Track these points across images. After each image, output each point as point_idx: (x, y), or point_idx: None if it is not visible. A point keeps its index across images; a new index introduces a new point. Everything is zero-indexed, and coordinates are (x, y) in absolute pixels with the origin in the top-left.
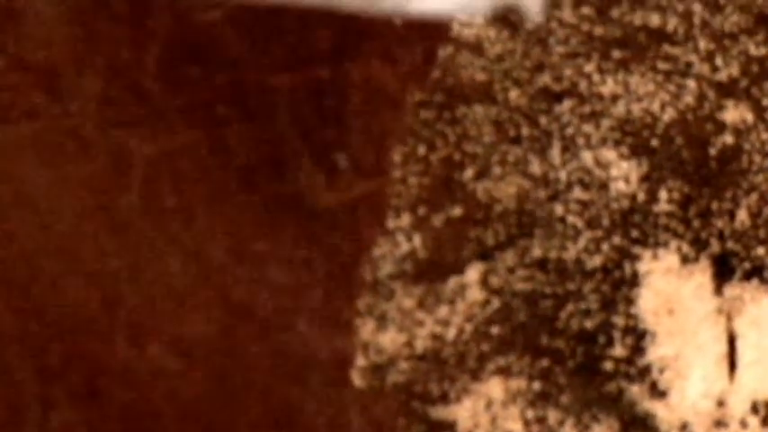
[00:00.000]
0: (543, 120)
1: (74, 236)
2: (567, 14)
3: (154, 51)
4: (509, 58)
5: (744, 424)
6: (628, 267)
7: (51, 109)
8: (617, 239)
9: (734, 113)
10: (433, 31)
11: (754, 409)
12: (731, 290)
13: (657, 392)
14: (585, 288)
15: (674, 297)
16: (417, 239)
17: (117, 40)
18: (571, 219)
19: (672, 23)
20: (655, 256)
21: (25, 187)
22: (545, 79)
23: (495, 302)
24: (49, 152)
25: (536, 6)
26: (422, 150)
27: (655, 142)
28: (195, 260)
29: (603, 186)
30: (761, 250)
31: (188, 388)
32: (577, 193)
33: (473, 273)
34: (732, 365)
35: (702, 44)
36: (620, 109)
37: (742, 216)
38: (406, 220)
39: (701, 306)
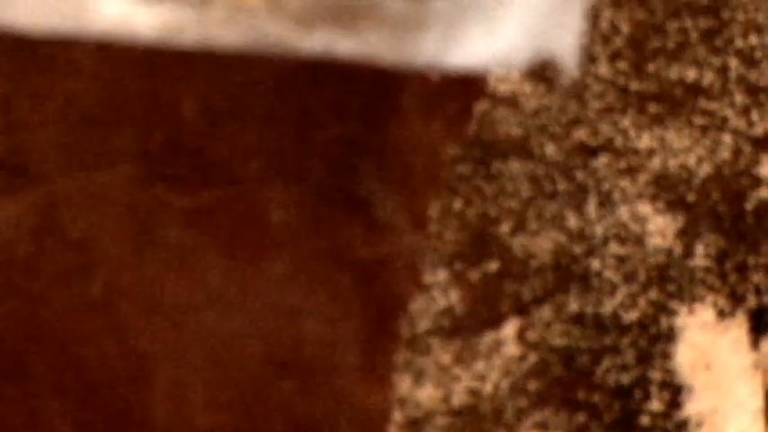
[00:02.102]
0: (579, 175)
1: (111, 291)
2: (602, 69)
3: (191, 107)
4: (545, 113)
5: None
6: (664, 322)
7: (89, 163)
8: (653, 294)
9: None
10: (470, 86)
11: None
12: None
13: None
14: (622, 343)
15: (710, 351)
16: (454, 295)
17: (155, 94)
18: (607, 273)
19: (708, 78)
20: (691, 311)
21: (62, 242)
22: (581, 134)
23: (532, 357)
24: (86, 206)
25: (572, 61)
26: (458, 205)
27: (691, 197)
28: (233, 315)
29: (640, 241)
30: None
31: None
32: (614, 247)
33: (510, 328)
34: None
35: (738, 99)
36: (656, 164)
37: None
38: (442, 275)
39: (738, 360)
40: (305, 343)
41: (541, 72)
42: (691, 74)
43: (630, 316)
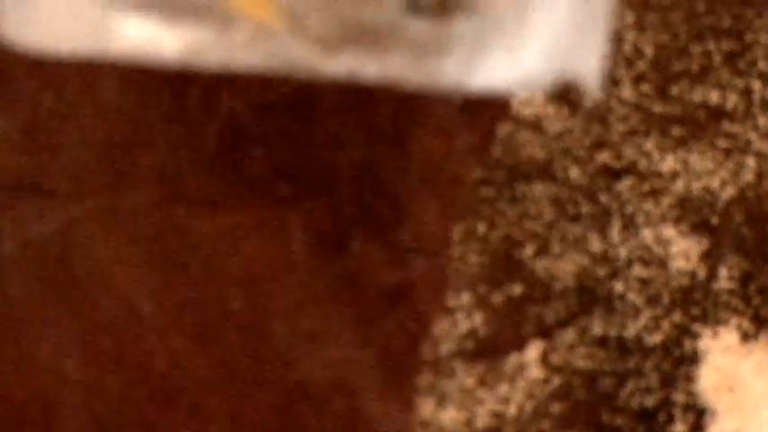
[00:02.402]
0: (603, 197)
1: (132, 314)
2: (626, 92)
3: (214, 129)
4: (568, 135)
5: None
6: (688, 345)
7: (112, 186)
8: (677, 317)
9: None
10: (493, 109)
11: None
12: None
13: None
14: (646, 366)
15: (734, 374)
16: (477, 317)
17: (178, 117)
18: (631, 296)
19: (731, 101)
20: (715, 334)
21: (85, 266)
22: (605, 157)
23: (556, 380)
24: (108, 230)
25: (595, 84)
26: (482, 228)
27: (714, 220)
28: (255, 338)
29: (663, 264)
30: None
31: None
32: (637, 270)
33: (533, 351)
34: None
35: (762, 121)
36: (679, 186)
37: None
38: (466, 298)
39: (762, 383)
40: (327, 366)
41: (565, 95)
42: (714, 97)
43: (654, 339)
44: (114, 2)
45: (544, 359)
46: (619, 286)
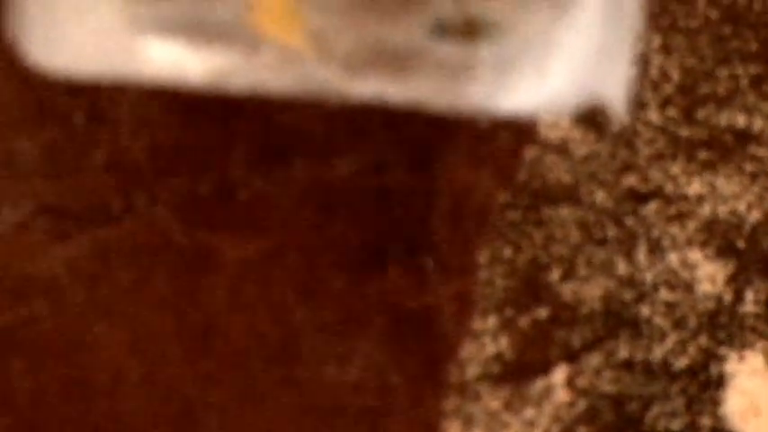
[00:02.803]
0: (629, 221)
1: (158, 338)
2: (652, 116)
3: (240, 154)
4: (595, 159)
5: None
6: (714, 369)
7: (138, 210)
8: (703, 341)
9: None
10: (520, 132)
11: None
12: None
13: None
14: (672, 389)
15: (760, 398)
16: (504, 341)
17: (204, 141)
18: (657, 320)
19: (758, 125)
20: (741, 358)
21: (110, 290)
22: (631, 181)
23: (582, 404)
24: (135, 254)
25: (621, 108)
26: (508, 252)
27: (741, 243)
28: (280, 362)
29: (689, 287)
30: None
31: None
32: (663, 294)
33: (559, 374)
34: None
35: None
36: (706, 210)
37: None
38: (492, 321)
39: None
40: (353, 389)
41: (591, 118)
42: (741, 120)
43: (680, 362)
44: (140, 25)
45: (570, 383)
46: (645, 310)
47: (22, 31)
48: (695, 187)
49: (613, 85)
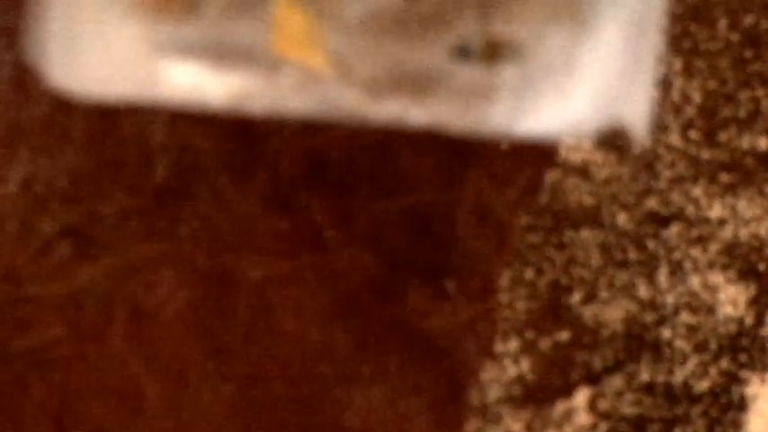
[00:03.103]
0: (650, 244)
1: (178, 361)
2: (674, 139)
3: (261, 176)
4: (616, 182)
5: None
6: (735, 391)
7: (160, 233)
8: (725, 363)
9: None
10: (541, 155)
11: None
12: None
13: None
14: (693, 412)
15: None
16: (525, 363)
17: (224, 165)
18: (679, 343)
19: None
20: (762, 380)
21: (132, 313)
22: (652, 203)
23: (603, 426)
24: (155, 278)
25: (643, 131)
26: (529, 274)
27: (762, 266)
28: (301, 386)
29: (711, 310)
30: None
31: None
32: (685, 317)
33: (581, 397)
34: None
35: None
36: (727, 233)
37: None
38: (513, 344)
39: None
40: (375, 411)
41: (613, 141)
42: (762, 143)
43: (701, 385)
44: (162, 47)
45: (592, 405)
46: (666, 332)
47: (44, 55)
48: (716, 210)
49: (635, 108)
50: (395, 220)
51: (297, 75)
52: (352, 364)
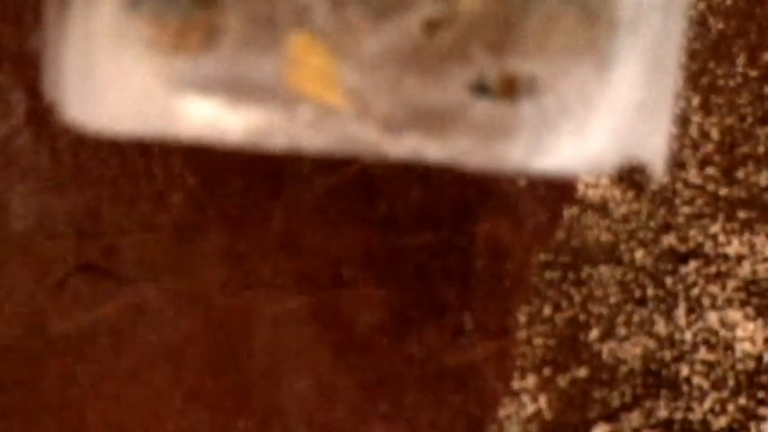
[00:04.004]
0: (669, 280)
1: (196, 396)
2: (692, 175)
3: (280, 211)
4: (634, 218)
5: None
6: (753, 428)
7: (176, 269)
8: (743, 400)
9: None
10: (558, 191)
11: None
12: None
13: None
14: None
15: None
16: (543, 400)
17: (244, 199)
18: (697, 379)
19: None
20: None
21: (149, 347)
22: (670, 240)
23: None
24: (173, 311)
25: (661, 167)
26: (547, 311)
27: None
28: (319, 420)
29: (729, 347)
30: None
31: None
32: (703, 353)
33: None
34: None
35: None
36: (745, 270)
37: None
38: (531, 380)
39: None
40: None
41: (631, 177)
42: None
43: (719, 422)
44: (179, 83)
45: None
46: (684, 369)
47: (61, 91)
48: (735, 247)
49: (653, 145)
50: (412, 256)
51: (314, 110)
52: (370, 401)
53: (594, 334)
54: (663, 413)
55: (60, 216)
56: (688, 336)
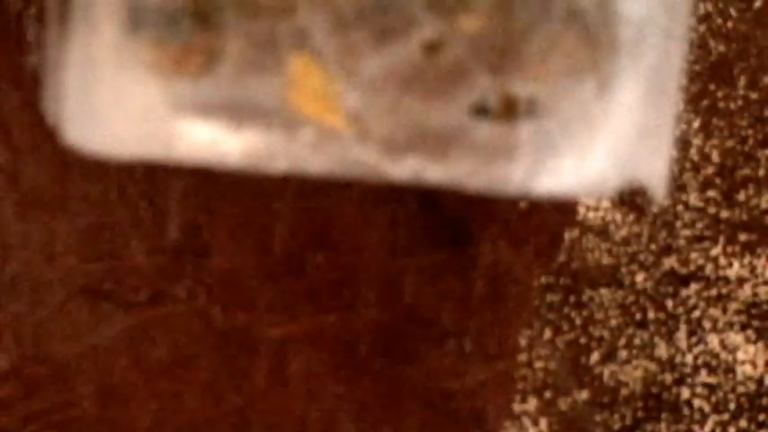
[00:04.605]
0: (669, 303)
1: (197, 420)
2: (692, 198)
3: (280, 234)
4: (635, 241)
5: None
6: None
7: (177, 292)
8: (744, 423)
9: None
10: (559, 214)
11: None
12: None
13: None
14: None
15: None
16: (544, 423)
17: (241, 223)
18: (698, 402)
19: None
20: None
21: (150, 371)
22: (671, 263)
23: None
24: (174, 336)
25: (661, 190)
26: (548, 334)
27: None
28: None
29: (730, 370)
30: None
31: None
32: (704, 376)
33: None
34: None
35: None
36: (746, 292)
37: None
38: (532, 404)
39: None
40: None
41: (631, 200)
42: None
43: None
44: (179, 105)
45: None
46: (685, 392)
47: (61, 113)
48: (736, 269)
49: (653, 167)
50: (412, 279)
51: (314, 133)
52: (371, 425)
53: (595, 357)
54: None
55: (60, 240)
56: (689, 359)
